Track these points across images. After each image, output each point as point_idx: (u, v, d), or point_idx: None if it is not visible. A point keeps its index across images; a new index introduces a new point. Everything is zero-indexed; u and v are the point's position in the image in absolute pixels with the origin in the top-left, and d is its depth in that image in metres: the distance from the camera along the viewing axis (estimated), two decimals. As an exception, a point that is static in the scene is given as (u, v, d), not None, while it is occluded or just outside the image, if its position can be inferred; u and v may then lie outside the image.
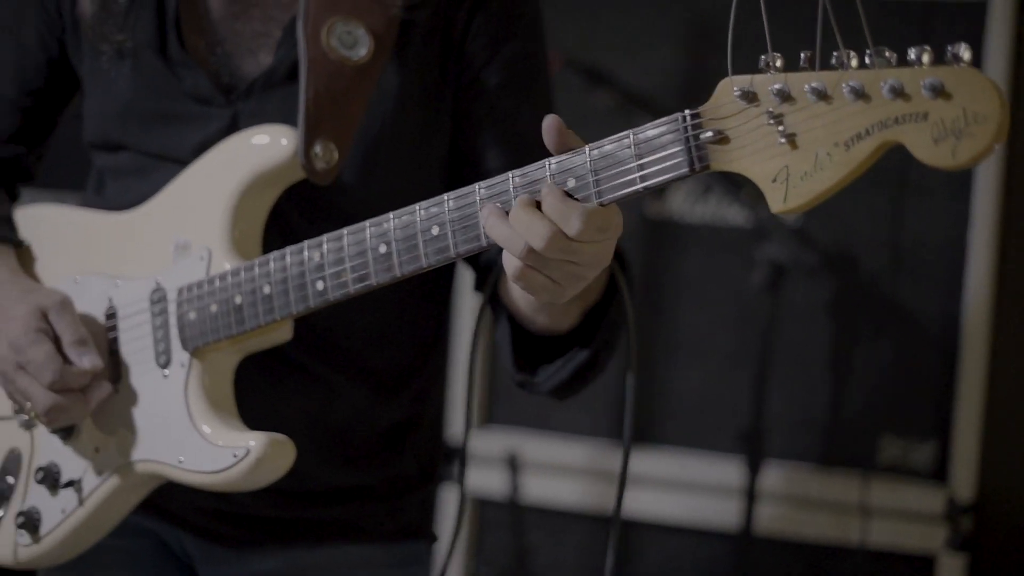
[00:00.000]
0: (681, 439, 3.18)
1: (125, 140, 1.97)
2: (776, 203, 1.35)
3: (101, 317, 1.91)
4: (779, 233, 3.02)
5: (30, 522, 1.91)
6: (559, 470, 3.20)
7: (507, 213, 1.51)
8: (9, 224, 2.04)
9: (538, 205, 1.49)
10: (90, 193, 2.07)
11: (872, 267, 3.08)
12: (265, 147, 1.82)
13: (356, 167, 1.87)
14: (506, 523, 3.22)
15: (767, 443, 3.02)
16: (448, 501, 3.12)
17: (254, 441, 1.76)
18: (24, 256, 2.03)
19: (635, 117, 3.06)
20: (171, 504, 1.96)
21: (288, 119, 1.83)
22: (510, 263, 1.52)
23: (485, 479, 3.22)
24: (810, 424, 3.10)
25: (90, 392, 1.83)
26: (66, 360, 1.82)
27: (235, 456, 1.76)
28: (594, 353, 1.83)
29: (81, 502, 1.89)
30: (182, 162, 1.89)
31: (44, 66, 2.05)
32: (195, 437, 1.79)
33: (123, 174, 1.99)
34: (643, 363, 3.10)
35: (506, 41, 1.92)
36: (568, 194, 1.48)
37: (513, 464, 3.20)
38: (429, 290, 2.00)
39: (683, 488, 3.12)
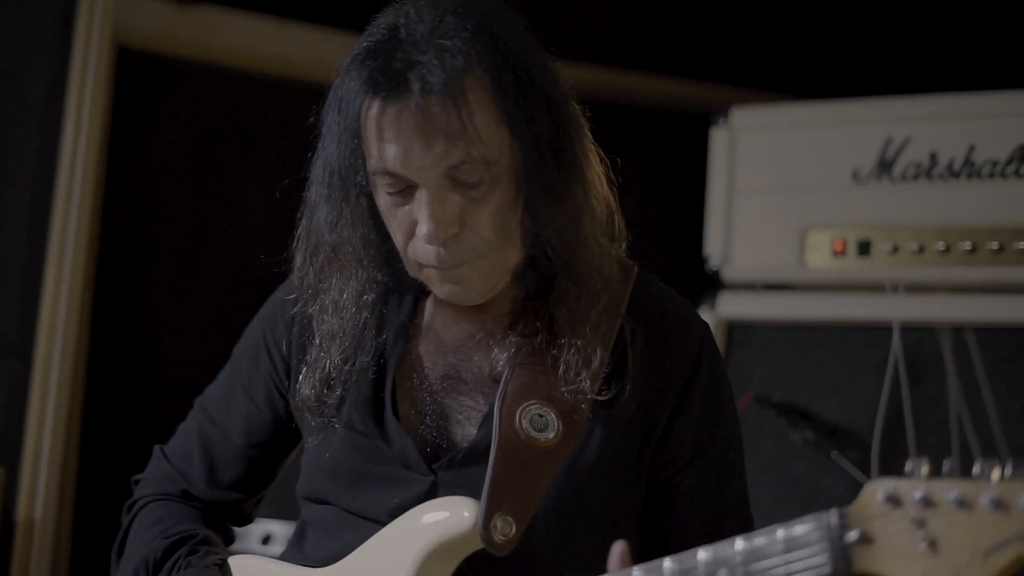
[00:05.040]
0: None
1: (330, 497, 2.08)
2: (918, 609, 1.40)
3: None
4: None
5: None
6: None
7: None
8: (223, 570, 2.16)
9: None
10: (291, 544, 2.19)
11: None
12: (448, 518, 1.93)
13: (535, 540, 1.95)
14: None
15: None
16: None
17: None
18: None
19: (841, 450, 3.13)
20: None
21: (480, 492, 1.93)
22: None
23: None
24: None
25: None
26: None
27: None
28: None
29: None
30: (379, 522, 2.00)
31: (270, 422, 2.20)
32: None
33: (323, 528, 2.10)
34: None
35: (708, 444, 2.02)
36: None
37: None
38: None
39: None
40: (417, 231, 1.93)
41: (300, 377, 2.11)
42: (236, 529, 2.35)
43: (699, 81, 4.22)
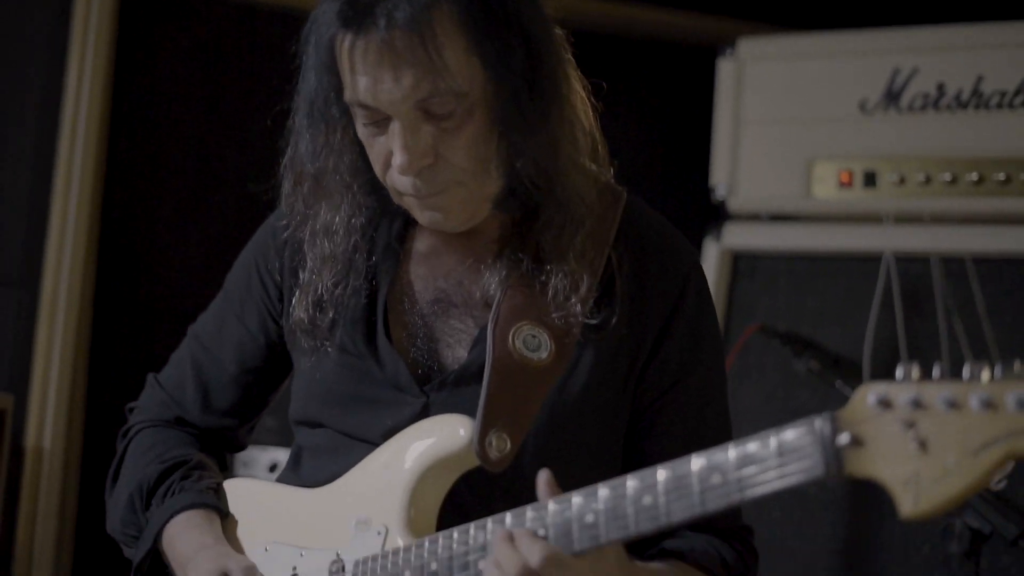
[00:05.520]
0: None
1: (324, 419, 2.11)
2: (907, 506, 1.41)
3: None
4: (978, 499, 2.98)
5: None
6: None
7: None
8: (218, 494, 2.19)
9: None
10: (287, 468, 2.21)
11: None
12: (444, 436, 1.95)
13: (529, 457, 1.97)
14: None
15: None
16: None
17: None
18: (227, 523, 2.16)
19: (845, 380, 3.13)
20: None
21: (473, 411, 1.95)
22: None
23: None
24: None
25: None
26: None
27: None
28: None
29: None
30: (373, 443, 2.02)
31: (263, 348, 2.23)
32: None
33: (319, 451, 2.12)
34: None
35: (692, 368, 2.05)
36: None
37: None
38: None
39: None
40: (392, 162, 1.94)
41: (293, 300, 2.12)
42: (243, 457, 2.37)
43: (706, 14, 4.20)
